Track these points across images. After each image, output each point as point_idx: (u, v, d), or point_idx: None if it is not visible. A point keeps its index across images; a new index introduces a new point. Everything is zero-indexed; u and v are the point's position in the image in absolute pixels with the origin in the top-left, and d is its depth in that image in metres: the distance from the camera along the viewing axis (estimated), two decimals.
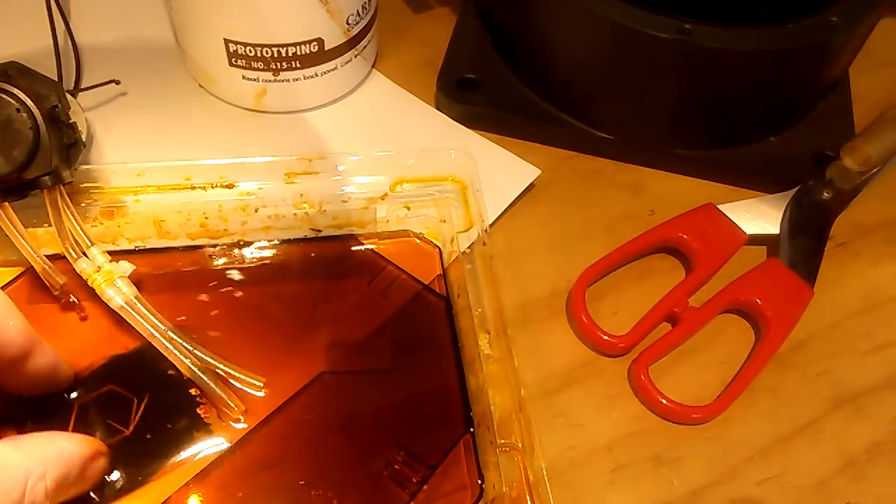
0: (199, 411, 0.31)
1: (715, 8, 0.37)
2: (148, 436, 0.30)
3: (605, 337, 0.35)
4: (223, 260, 0.35)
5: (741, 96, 0.39)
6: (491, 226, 0.37)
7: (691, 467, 0.33)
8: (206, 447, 0.30)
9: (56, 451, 0.25)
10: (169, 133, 0.40)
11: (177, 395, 0.31)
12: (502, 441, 0.29)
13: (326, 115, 0.42)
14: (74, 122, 0.32)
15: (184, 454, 0.30)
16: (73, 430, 0.30)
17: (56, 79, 0.39)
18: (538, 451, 0.28)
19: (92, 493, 0.28)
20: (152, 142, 0.40)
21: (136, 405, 0.31)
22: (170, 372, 0.31)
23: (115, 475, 0.29)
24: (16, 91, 0.30)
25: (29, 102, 0.30)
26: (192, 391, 0.31)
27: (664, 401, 0.33)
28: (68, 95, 0.33)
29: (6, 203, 0.31)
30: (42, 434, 0.26)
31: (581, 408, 0.34)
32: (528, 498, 0.27)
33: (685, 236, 0.37)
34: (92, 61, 0.42)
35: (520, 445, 0.28)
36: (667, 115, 0.40)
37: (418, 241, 0.37)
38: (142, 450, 0.30)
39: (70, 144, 0.32)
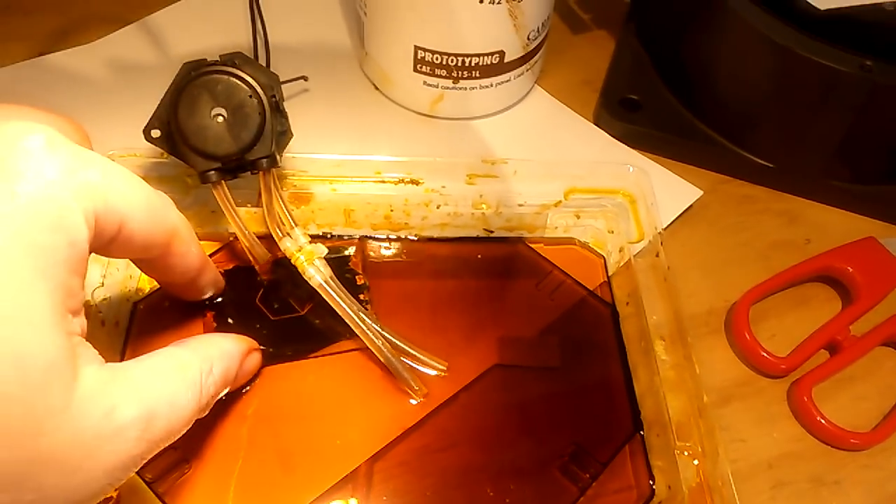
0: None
1: (890, 46, 0.37)
2: (317, 321, 0.34)
3: (767, 356, 0.35)
4: (402, 250, 0.38)
5: None
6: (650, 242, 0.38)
7: (851, 492, 0.33)
8: (391, 424, 0.32)
9: (218, 349, 0.28)
10: (344, 130, 0.43)
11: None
12: (682, 444, 0.30)
13: (491, 124, 0.44)
14: (286, 112, 0.34)
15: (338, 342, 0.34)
16: (260, 303, 0.35)
17: None
18: (723, 457, 0.29)
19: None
20: (328, 137, 0.42)
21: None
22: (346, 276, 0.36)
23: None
24: (249, 78, 0.32)
25: (259, 89, 0.32)
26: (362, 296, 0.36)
27: (824, 422, 0.34)
28: None
29: (223, 181, 0.33)
30: (203, 336, 0.29)
31: (742, 424, 0.35)
32: (709, 502, 0.28)
33: (850, 268, 0.38)
34: (277, 58, 0.45)
35: (699, 450, 0.29)
36: (831, 148, 0.41)
37: (583, 249, 0.39)
38: (308, 330, 0.35)
39: (281, 132, 0.34)
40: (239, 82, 0.32)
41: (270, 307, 0.35)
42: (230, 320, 0.34)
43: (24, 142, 0.21)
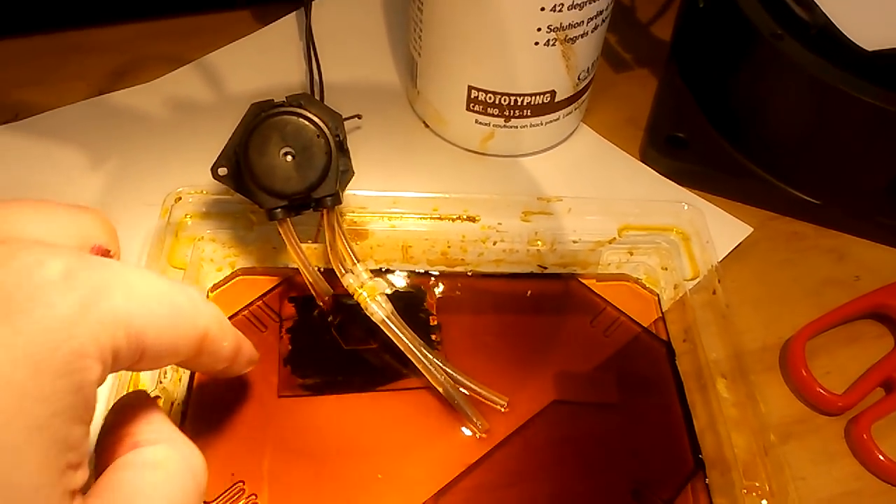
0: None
1: None
2: (387, 356, 0.35)
3: (825, 393, 0.35)
4: (457, 286, 0.38)
5: None
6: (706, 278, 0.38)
7: None
8: (454, 460, 0.32)
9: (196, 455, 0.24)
10: (395, 167, 0.44)
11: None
12: (748, 483, 0.30)
13: (540, 161, 0.45)
14: (349, 151, 0.35)
15: (406, 380, 0.35)
16: (335, 330, 0.36)
17: None
18: (793, 496, 0.29)
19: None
20: (380, 174, 0.43)
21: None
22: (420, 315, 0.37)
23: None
24: (316, 119, 0.33)
25: (326, 130, 0.33)
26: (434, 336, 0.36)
27: (883, 458, 0.34)
28: None
29: (288, 218, 0.34)
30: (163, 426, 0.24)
31: (800, 462, 0.35)
32: None
33: None
34: (329, 97, 0.46)
35: (767, 489, 0.29)
36: (878, 186, 0.41)
37: (636, 286, 0.39)
38: (378, 363, 0.35)
39: (344, 170, 0.35)
40: (307, 123, 0.33)
41: (343, 337, 0.36)
42: (304, 346, 0.35)
43: (39, 274, 0.18)
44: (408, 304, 0.37)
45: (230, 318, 0.36)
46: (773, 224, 0.44)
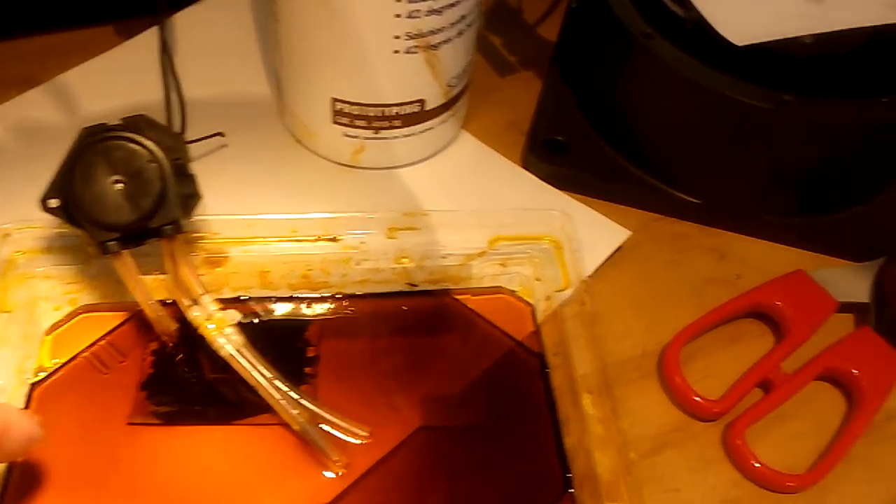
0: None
1: (806, 80, 0.37)
2: (246, 389, 0.32)
3: (700, 400, 0.35)
4: (321, 311, 0.36)
5: (834, 166, 0.40)
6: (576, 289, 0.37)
7: None
8: (310, 499, 0.31)
9: None
10: (264, 186, 0.42)
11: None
12: None
13: (417, 171, 0.43)
14: (193, 175, 0.33)
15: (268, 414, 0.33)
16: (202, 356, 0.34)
17: None
18: None
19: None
20: (248, 194, 0.41)
21: None
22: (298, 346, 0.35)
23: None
24: (148, 143, 0.31)
25: (160, 155, 0.31)
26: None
27: (758, 465, 0.33)
28: None
29: (125, 251, 0.32)
30: None
31: (676, 472, 0.34)
32: None
33: (779, 303, 0.37)
34: (194, 114, 0.44)
35: None
36: (757, 182, 0.41)
37: (511, 298, 0.38)
38: (239, 396, 0.33)
39: (188, 195, 0.33)
40: (138, 147, 0.31)
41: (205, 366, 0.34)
42: (164, 371, 0.34)
43: None
44: (286, 334, 0.36)
45: (69, 361, 0.33)
46: (657, 225, 0.43)
